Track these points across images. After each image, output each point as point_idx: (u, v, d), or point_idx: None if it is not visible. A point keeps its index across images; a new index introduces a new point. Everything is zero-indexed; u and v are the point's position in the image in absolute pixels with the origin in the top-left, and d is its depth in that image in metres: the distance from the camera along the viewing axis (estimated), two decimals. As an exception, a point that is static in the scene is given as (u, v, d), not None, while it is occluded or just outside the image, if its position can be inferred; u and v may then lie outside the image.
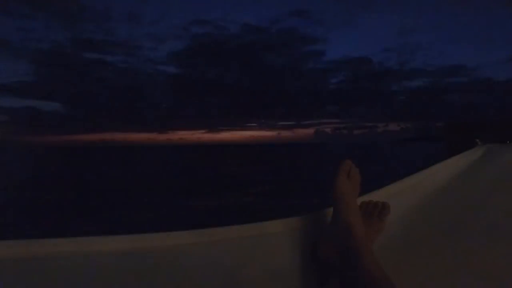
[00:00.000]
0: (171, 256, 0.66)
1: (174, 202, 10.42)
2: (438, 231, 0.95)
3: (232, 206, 9.41)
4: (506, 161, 1.55)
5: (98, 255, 0.60)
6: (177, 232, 0.69)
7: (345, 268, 0.68)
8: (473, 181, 1.30)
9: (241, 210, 8.78)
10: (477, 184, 1.27)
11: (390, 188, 1.05)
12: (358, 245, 0.69)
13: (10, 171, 26.03)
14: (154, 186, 14.88)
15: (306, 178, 16.86)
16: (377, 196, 0.97)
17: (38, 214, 8.83)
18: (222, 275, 0.68)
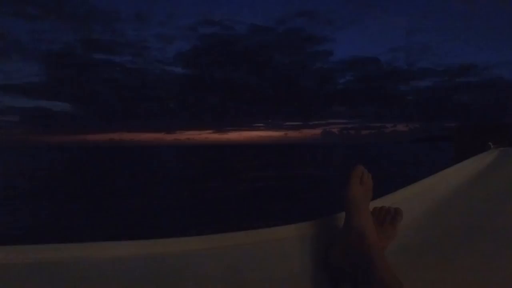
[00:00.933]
0: (183, 261, 0.66)
1: (184, 206, 10.46)
2: (450, 237, 0.94)
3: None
4: None
5: (109, 261, 0.61)
6: (189, 238, 0.70)
7: (357, 274, 0.68)
8: (486, 186, 1.28)
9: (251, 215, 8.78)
10: (490, 189, 1.25)
11: (401, 192, 1.04)
12: (371, 251, 0.69)
13: (20, 170, 26.47)
14: (162, 188, 14.97)
15: (316, 181, 16.78)
16: (388, 201, 0.96)
17: (45, 216, 8.92)
18: (234, 280, 0.68)
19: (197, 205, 10.51)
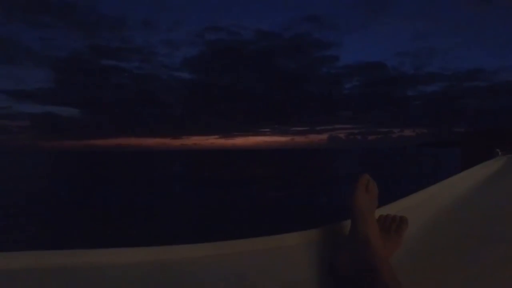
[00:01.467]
0: (190, 268, 0.67)
1: (190, 212, 10.46)
2: (456, 245, 0.94)
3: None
4: None
5: (118, 267, 0.62)
6: (195, 244, 0.71)
7: (363, 282, 0.68)
8: (493, 194, 1.27)
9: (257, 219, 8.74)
10: (497, 197, 1.24)
11: (407, 200, 1.04)
12: (376, 259, 0.69)
13: (29, 175, 26.76)
14: (169, 194, 14.99)
15: (322, 187, 16.68)
16: (394, 208, 0.96)
17: (53, 221, 8.95)
18: (240, 287, 0.69)
19: (203, 210, 10.50)
